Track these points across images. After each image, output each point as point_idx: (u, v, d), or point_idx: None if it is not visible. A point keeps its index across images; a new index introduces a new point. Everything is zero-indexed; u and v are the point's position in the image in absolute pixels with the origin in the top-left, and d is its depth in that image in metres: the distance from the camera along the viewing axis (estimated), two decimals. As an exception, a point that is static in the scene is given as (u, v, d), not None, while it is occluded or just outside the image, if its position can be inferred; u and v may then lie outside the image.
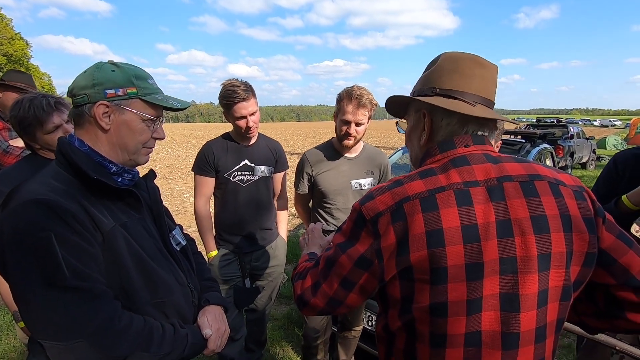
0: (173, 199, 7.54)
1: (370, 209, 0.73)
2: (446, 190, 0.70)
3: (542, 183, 0.72)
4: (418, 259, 0.67)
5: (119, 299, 0.81)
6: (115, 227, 0.83)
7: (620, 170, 1.50)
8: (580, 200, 0.73)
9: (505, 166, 0.73)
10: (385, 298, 0.76)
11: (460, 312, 0.67)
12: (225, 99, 1.79)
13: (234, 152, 1.92)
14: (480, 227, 0.67)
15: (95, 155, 0.88)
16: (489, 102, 0.79)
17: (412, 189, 0.71)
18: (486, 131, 0.79)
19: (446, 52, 0.82)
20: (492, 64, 0.80)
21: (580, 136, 11.75)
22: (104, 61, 0.93)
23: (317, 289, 0.80)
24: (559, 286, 0.69)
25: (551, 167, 0.78)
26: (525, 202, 0.69)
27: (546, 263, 0.68)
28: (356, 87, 1.77)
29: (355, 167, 1.93)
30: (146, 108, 0.92)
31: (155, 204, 1.01)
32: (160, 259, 0.92)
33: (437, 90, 0.78)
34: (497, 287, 0.67)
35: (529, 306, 0.67)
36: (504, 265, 0.67)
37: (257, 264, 2.03)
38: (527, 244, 0.67)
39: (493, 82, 0.80)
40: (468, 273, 0.67)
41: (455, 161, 0.74)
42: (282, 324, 2.96)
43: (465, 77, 0.77)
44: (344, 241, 0.77)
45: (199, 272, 1.12)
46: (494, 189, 0.70)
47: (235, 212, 1.95)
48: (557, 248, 0.68)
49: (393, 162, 4.53)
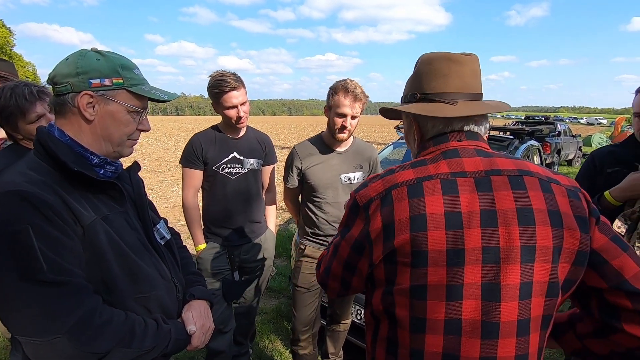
0: (162, 192, 7.45)
1: (363, 196, 0.77)
2: (433, 179, 0.72)
3: (532, 179, 0.72)
4: (401, 243, 0.70)
5: (100, 294, 0.79)
6: (96, 220, 0.81)
7: (598, 167, 1.53)
8: (573, 199, 0.72)
9: (495, 160, 0.74)
10: (372, 281, 0.79)
11: (440, 296, 0.69)
12: (216, 88, 1.77)
13: (222, 145, 1.90)
14: (463, 215, 0.69)
15: (76, 146, 0.86)
16: (472, 95, 0.80)
17: (402, 177, 0.74)
18: (473, 125, 0.80)
19: (423, 55, 0.83)
20: (467, 57, 0.80)
21: (567, 134, 11.97)
22: (87, 49, 0.90)
23: (328, 273, 0.88)
24: (545, 281, 0.69)
25: (548, 169, 0.78)
26: (512, 194, 0.70)
27: (530, 255, 0.68)
28: (350, 80, 1.77)
29: (345, 161, 1.92)
30: (132, 99, 0.89)
31: (139, 196, 0.99)
32: (144, 252, 0.90)
33: (418, 95, 0.81)
34: (479, 276, 0.68)
35: (510, 296, 0.67)
36: (487, 254, 0.68)
37: (246, 257, 2.02)
38: (510, 234, 0.68)
39: (472, 74, 0.80)
40: (449, 258, 0.68)
41: (446, 153, 0.76)
42: (271, 317, 2.96)
43: (441, 77, 0.79)
44: (343, 228, 0.83)
45: (184, 266, 1.10)
46: (482, 180, 0.72)
47: (224, 205, 1.93)
48: (543, 241, 0.68)
49: (384, 157, 4.55)
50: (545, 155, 9.90)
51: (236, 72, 1.82)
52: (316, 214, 1.93)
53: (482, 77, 0.82)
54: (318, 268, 0.93)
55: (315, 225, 1.93)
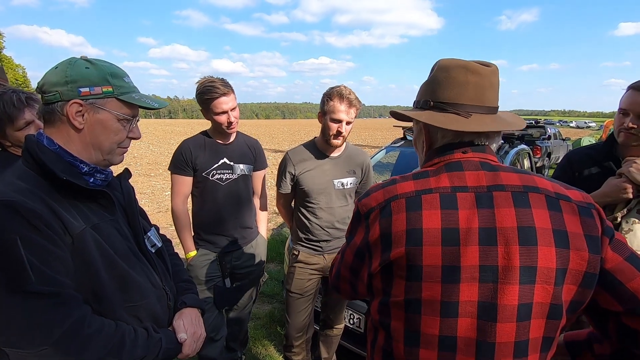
0: (154, 197, 7.39)
1: (365, 205, 0.77)
2: (433, 193, 0.71)
3: (538, 196, 0.69)
4: (397, 255, 0.69)
5: (89, 303, 0.79)
6: (86, 229, 0.80)
7: (575, 170, 1.52)
8: (585, 217, 0.69)
9: (500, 175, 0.72)
10: (371, 290, 0.79)
11: (434, 312, 0.68)
12: (205, 94, 1.76)
13: (212, 151, 1.89)
14: (461, 232, 0.67)
15: (65, 155, 0.85)
16: (487, 108, 0.76)
17: (402, 189, 0.73)
18: (484, 140, 0.77)
19: (441, 61, 0.79)
20: (486, 68, 0.76)
21: (557, 137, 12.16)
22: (77, 57, 0.90)
23: (339, 277, 0.89)
24: (546, 303, 0.66)
25: (560, 183, 0.74)
26: (514, 212, 0.68)
27: (530, 276, 0.65)
28: (344, 87, 1.79)
29: (338, 166, 1.93)
30: (122, 107, 0.89)
31: (130, 204, 0.99)
32: (134, 261, 0.89)
33: (431, 103, 0.78)
34: (475, 294, 0.66)
35: (507, 317, 0.65)
36: (485, 273, 0.66)
37: (237, 263, 2.01)
38: (509, 254, 0.66)
39: (490, 87, 0.76)
40: (444, 275, 0.67)
41: (449, 166, 0.75)
42: (264, 322, 2.95)
43: (458, 87, 0.75)
44: (349, 235, 0.84)
45: (176, 274, 1.10)
46: (483, 196, 0.70)
47: (214, 211, 1.92)
48: (545, 263, 0.65)
49: (376, 161, 4.57)
50: (536, 158, 10.06)
51: (225, 78, 1.82)
52: (309, 219, 1.93)
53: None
54: (330, 272, 0.96)
55: (309, 231, 1.94)
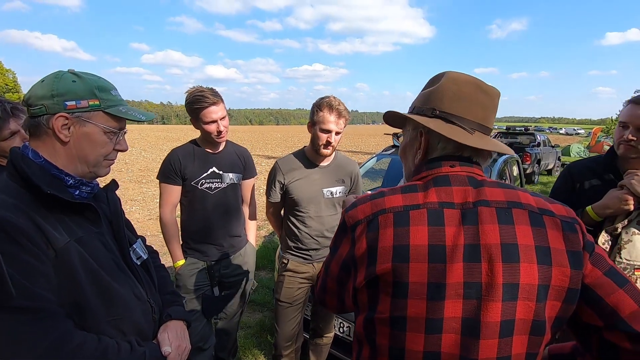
0: (145, 204, 7.32)
1: (352, 217, 0.76)
2: (420, 209, 0.70)
3: (522, 212, 0.70)
4: (383, 271, 0.69)
5: (72, 318, 0.79)
6: (70, 242, 0.80)
7: (576, 182, 1.55)
8: (568, 232, 0.69)
9: (485, 191, 0.72)
10: (357, 305, 0.78)
11: (419, 328, 0.67)
12: (194, 104, 1.77)
13: (201, 160, 1.89)
14: (447, 249, 0.67)
15: (50, 168, 0.85)
16: (487, 129, 0.78)
17: (390, 202, 0.73)
18: (480, 159, 0.79)
19: (450, 73, 0.79)
20: (494, 90, 0.78)
21: (546, 144, 12.35)
22: (64, 70, 0.91)
23: (325, 290, 0.86)
24: (529, 319, 0.66)
25: (544, 197, 0.75)
26: (497, 229, 0.68)
27: (512, 293, 0.66)
28: (333, 98, 1.82)
29: (327, 175, 1.95)
30: (109, 120, 0.90)
31: (116, 216, 0.99)
32: (119, 274, 0.89)
33: (437, 112, 0.77)
34: (459, 311, 0.66)
35: (490, 334, 0.65)
36: (469, 289, 0.66)
37: (226, 272, 2.01)
38: (493, 271, 0.66)
39: (493, 109, 0.79)
40: (429, 292, 0.66)
41: (437, 180, 0.75)
42: (254, 331, 2.93)
43: (467, 103, 0.76)
44: (333, 246, 0.82)
45: (161, 286, 1.10)
46: (469, 212, 0.70)
47: (203, 220, 1.92)
48: (527, 279, 0.66)
49: (369, 167, 4.60)
50: (526, 165, 10.20)
51: (217, 85, 1.84)
52: (299, 228, 1.94)
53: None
54: (315, 285, 0.92)
55: (298, 239, 1.94)
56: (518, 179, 4.61)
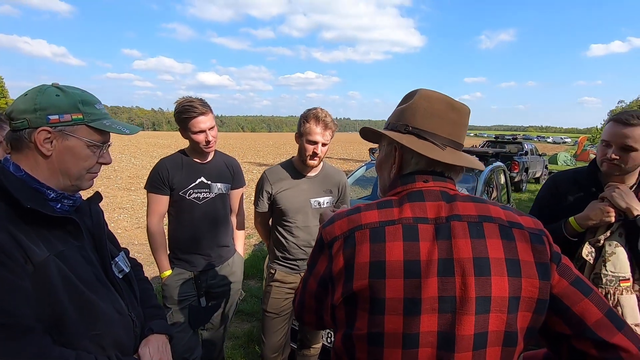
0: (134, 212, 7.24)
1: (329, 233, 0.76)
2: (396, 224, 0.72)
3: (492, 225, 0.72)
4: (360, 288, 0.69)
5: (50, 333, 0.78)
6: (50, 257, 0.80)
7: (560, 192, 1.57)
8: (536, 244, 0.72)
9: (457, 205, 0.74)
10: (335, 321, 0.78)
11: (396, 344, 0.68)
12: (183, 113, 1.78)
13: (189, 169, 1.89)
14: (422, 264, 0.68)
15: (31, 182, 0.85)
16: (458, 145, 0.81)
17: (366, 218, 0.74)
18: (452, 174, 0.81)
19: (422, 90, 0.82)
20: (464, 107, 0.81)
21: (534, 153, 12.59)
22: (48, 84, 0.91)
23: (303, 307, 0.86)
24: (501, 331, 0.68)
25: (513, 209, 0.77)
26: (470, 243, 0.70)
27: (485, 306, 0.67)
28: (320, 110, 1.84)
29: (315, 186, 1.96)
30: (92, 134, 0.90)
31: (98, 229, 0.98)
32: (100, 288, 0.89)
33: (410, 128, 0.79)
34: (435, 325, 0.67)
35: (464, 347, 0.67)
36: (443, 303, 0.67)
37: (213, 282, 1.99)
38: (466, 285, 0.67)
39: (464, 126, 0.82)
40: (405, 307, 0.67)
41: (411, 195, 0.76)
42: (242, 342, 2.90)
43: (438, 119, 0.78)
44: (311, 262, 0.82)
45: (144, 300, 1.09)
46: (442, 227, 0.71)
47: (191, 230, 1.91)
48: (498, 292, 0.67)
49: (359, 175, 4.64)
50: (514, 173, 10.37)
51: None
52: (286, 238, 1.94)
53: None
54: (294, 301, 0.92)
55: (286, 249, 1.95)
56: (505, 188, 4.68)
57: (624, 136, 1.33)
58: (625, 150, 1.34)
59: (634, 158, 1.34)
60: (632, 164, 1.36)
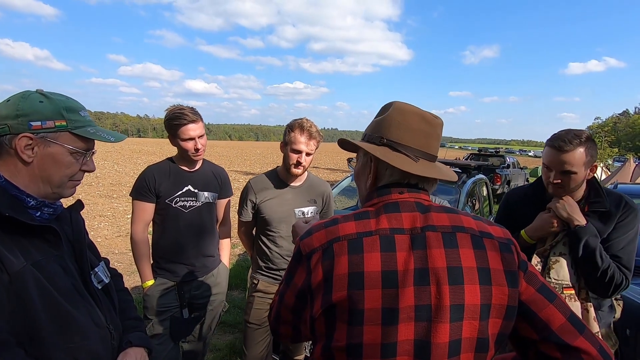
0: (115, 220, 7.08)
1: (307, 245, 0.76)
2: (373, 235, 0.73)
3: (464, 235, 0.74)
4: (339, 299, 0.70)
5: (24, 346, 0.76)
6: (26, 267, 0.78)
7: (513, 208, 1.64)
8: (505, 253, 0.74)
9: (432, 216, 0.76)
10: (314, 333, 0.78)
11: (374, 354, 0.68)
12: (173, 120, 1.78)
13: (176, 177, 1.88)
14: (399, 274, 0.69)
15: (10, 188, 0.84)
16: (431, 156, 0.83)
17: (344, 230, 0.74)
18: (426, 185, 0.83)
19: (396, 103, 0.84)
20: (437, 120, 0.83)
21: (515, 166, 12.96)
22: (32, 90, 0.90)
23: (278, 320, 0.85)
24: (474, 337, 0.70)
25: (483, 219, 0.80)
26: (444, 253, 0.72)
27: (459, 314, 0.69)
28: (306, 120, 1.87)
29: (299, 195, 1.97)
30: (76, 141, 0.90)
31: (78, 239, 0.97)
32: (77, 299, 0.87)
33: (384, 140, 0.81)
34: (412, 333, 0.68)
35: (439, 355, 0.68)
36: (419, 312, 0.69)
37: (197, 293, 1.97)
38: (441, 293, 0.69)
39: (436, 137, 0.83)
40: (384, 317, 0.68)
41: (387, 207, 0.77)
42: (224, 354, 2.85)
43: (411, 132, 0.80)
44: (287, 274, 0.81)
45: (123, 311, 1.07)
46: (417, 237, 0.73)
47: (175, 239, 1.89)
48: (471, 300, 0.69)
49: (345, 185, 4.67)
50: (496, 186, 10.62)
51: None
52: (270, 247, 1.94)
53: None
54: (270, 315, 0.91)
55: (269, 259, 1.94)
56: (487, 200, 4.79)
57: (562, 162, 1.38)
58: (566, 174, 1.39)
59: (575, 179, 1.40)
60: (574, 185, 1.41)
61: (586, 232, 1.37)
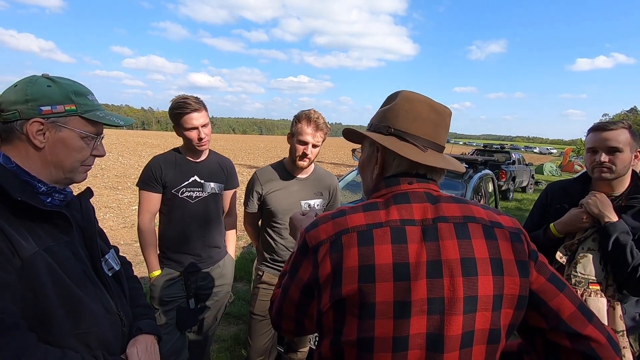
0: (120, 211, 7.12)
1: (313, 237, 0.74)
2: (383, 227, 0.71)
3: (476, 226, 0.73)
4: (349, 293, 0.68)
5: (36, 330, 0.76)
6: (38, 252, 0.78)
7: (549, 200, 1.65)
8: (516, 243, 0.74)
9: (442, 207, 0.75)
10: (321, 327, 0.76)
11: (386, 348, 0.67)
12: (177, 109, 1.78)
13: (182, 168, 1.88)
14: (411, 266, 0.68)
15: (22, 174, 0.84)
16: (440, 147, 0.81)
17: (352, 221, 0.72)
18: (434, 175, 0.81)
19: (404, 92, 0.82)
20: (445, 109, 0.82)
21: (521, 162, 12.84)
22: (38, 75, 0.90)
23: (280, 315, 0.83)
24: (486, 329, 0.69)
25: (491, 209, 0.79)
26: (456, 244, 0.71)
27: (472, 305, 0.68)
28: (313, 111, 1.85)
29: (305, 188, 1.96)
30: (86, 125, 0.89)
31: (89, 225, 0.97)
32: (88, 285, 0.87)
33: (391, 129, 0.79)
34: (424, 327, 0.67)
35: (452, 347, 0.67)
36: (432, 305, 0.68)
37: (203, 284, 1.97)
38: (454, 285, 0.68)
39: (445, 127, 0.82)
40: (395, 310, 0.67)
41: (397, 197, 0.76)
42: (228, 345, 2.87)
43: (419, 121, 0.78)
44: (291, 268, 0.79)
45: (133, 299, 1.07)
46: (429, 228, 0.72)
47: (182, 229, 1.89)
48: (484, 291, 0.69)
49: (350, 180, 4.66)
50: (501, 182, 10.55)
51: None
52: (275, 239, 1.94)
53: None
54: (271, 306, 0.89)
55: (274, 251, 1.94)
56: (493, 195, 4.76)
57: (608, 139, 1.41)
58: (612, 152, 1.40)
59: (622, 160, 1.40)
60: (621, 166, 1.41)
61: (616, 229, 1.36)
